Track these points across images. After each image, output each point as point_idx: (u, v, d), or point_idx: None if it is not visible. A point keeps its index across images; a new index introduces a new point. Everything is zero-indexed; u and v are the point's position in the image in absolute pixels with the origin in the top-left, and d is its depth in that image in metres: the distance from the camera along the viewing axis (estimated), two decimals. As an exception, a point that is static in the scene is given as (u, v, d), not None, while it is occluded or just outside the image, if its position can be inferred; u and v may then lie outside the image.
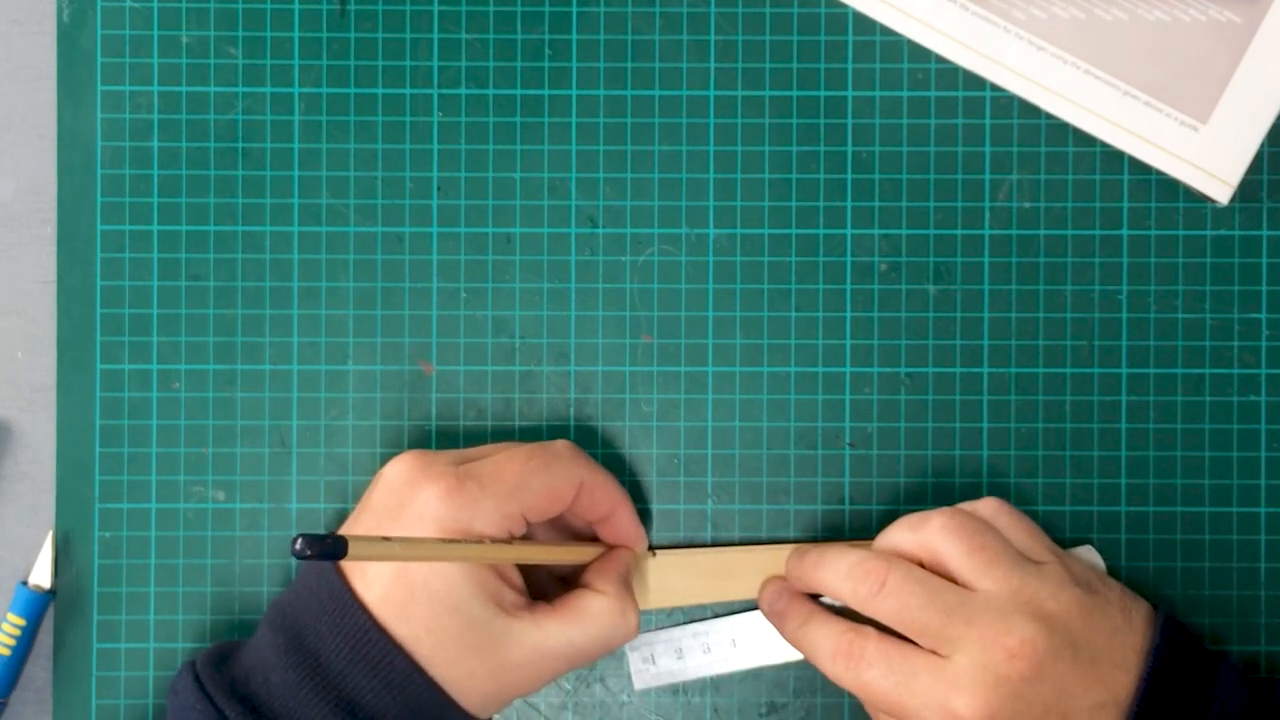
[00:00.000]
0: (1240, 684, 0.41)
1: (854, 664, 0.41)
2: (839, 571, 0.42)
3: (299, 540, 0.33)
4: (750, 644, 0.45)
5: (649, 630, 0.46)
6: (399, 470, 0.41)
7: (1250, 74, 0.45)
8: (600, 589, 0.42)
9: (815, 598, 0.44)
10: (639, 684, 0.46)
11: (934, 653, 0.40)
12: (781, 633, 0.44)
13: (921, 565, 0.41)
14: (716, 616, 0.46)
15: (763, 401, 0.46)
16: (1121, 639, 0.40)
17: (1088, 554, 0.45)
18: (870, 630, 0.41)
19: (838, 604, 0.43)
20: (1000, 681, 0.39)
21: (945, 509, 0.42)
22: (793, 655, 0.44)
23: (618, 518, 0.44)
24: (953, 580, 0.41)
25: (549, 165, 0.47)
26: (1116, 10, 0.45)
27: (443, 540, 0.39)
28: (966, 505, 0.43)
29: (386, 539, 0.36)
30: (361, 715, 0.38)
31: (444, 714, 0.39)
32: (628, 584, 0.43)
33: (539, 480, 0.41)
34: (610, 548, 0.44)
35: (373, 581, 0.39)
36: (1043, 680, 0.39)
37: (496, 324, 0.47)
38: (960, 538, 0.41)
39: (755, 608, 0.45)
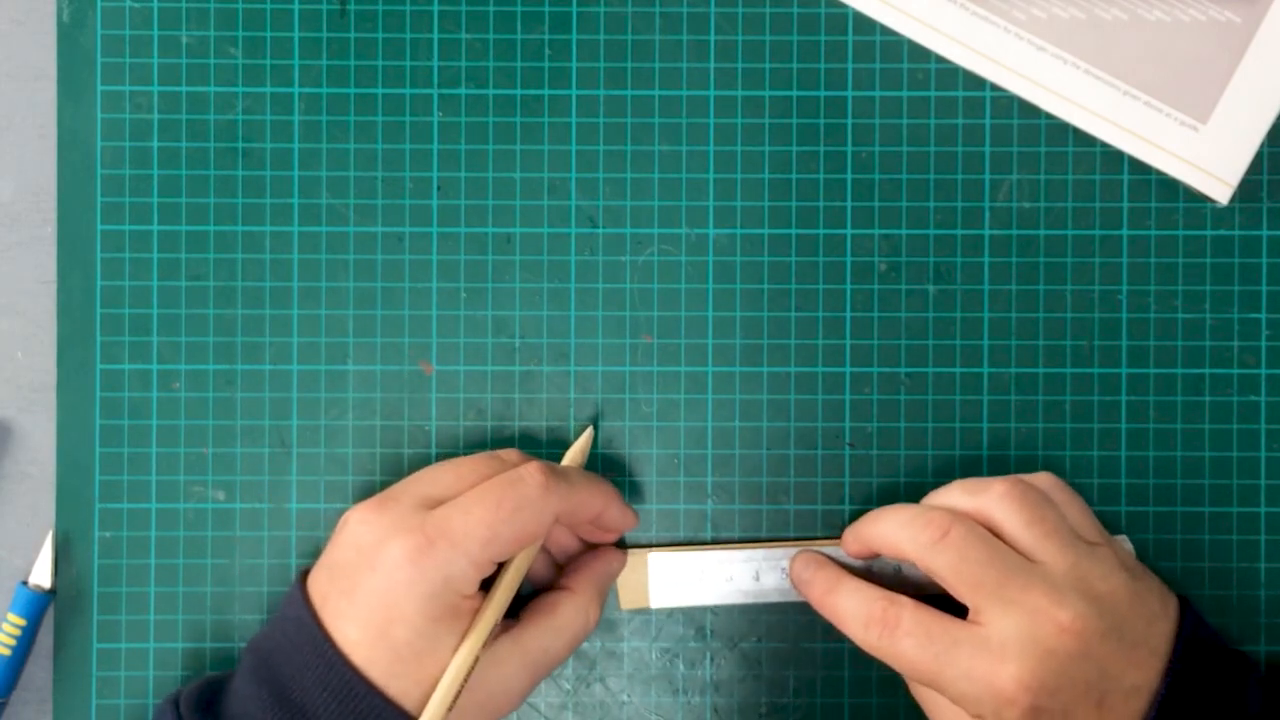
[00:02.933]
0: (1262, 679, 0.41)
1: (889, 632, 0.40)
2: (899, 520, 0.42)
3: None
4: (773, 579, 0.45)
5: (670, 550, 0.46)
6: (363, 530, 0.40)
7: (1250, 74, 0.45)
8: (572, 587, 0.43)
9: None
10: (655, 603, 0.45)
11: (974, 620, 0.40)
12: (810, 600, 0.44)
13: None
14: (739, 549, 0.46)
15: (763, 401, 0.46)
16: (1159, 626, 0.40)
17: (1124, 543, 0.45)
18: (905, 598, 0.41)
19: (867, 576, 0.44)
20: (1048, 655, 0.39)
21: (1005, 477, 0.42)
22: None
23: (605, 517, 0.43)
24: None
25: (549, 165, 0.47)
26: (1116, 10, 0.45)
27: (466, 652, 0.39)
28: (1025, 476, 0.43)
29: (440, 690, 0.38)
30: None
31: None
32: (602, 583, 0.44)
33: (510, 530, 0.39)
34: (593, 548, 0.45)
35: (356, 640, 0.39)
36: (1088, 658, 0.39)
37: (496, 324, 0.47)
38: (1021, 507, 0.41)
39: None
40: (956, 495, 0.42)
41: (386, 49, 0.47)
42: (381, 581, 0.38)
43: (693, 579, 0.45)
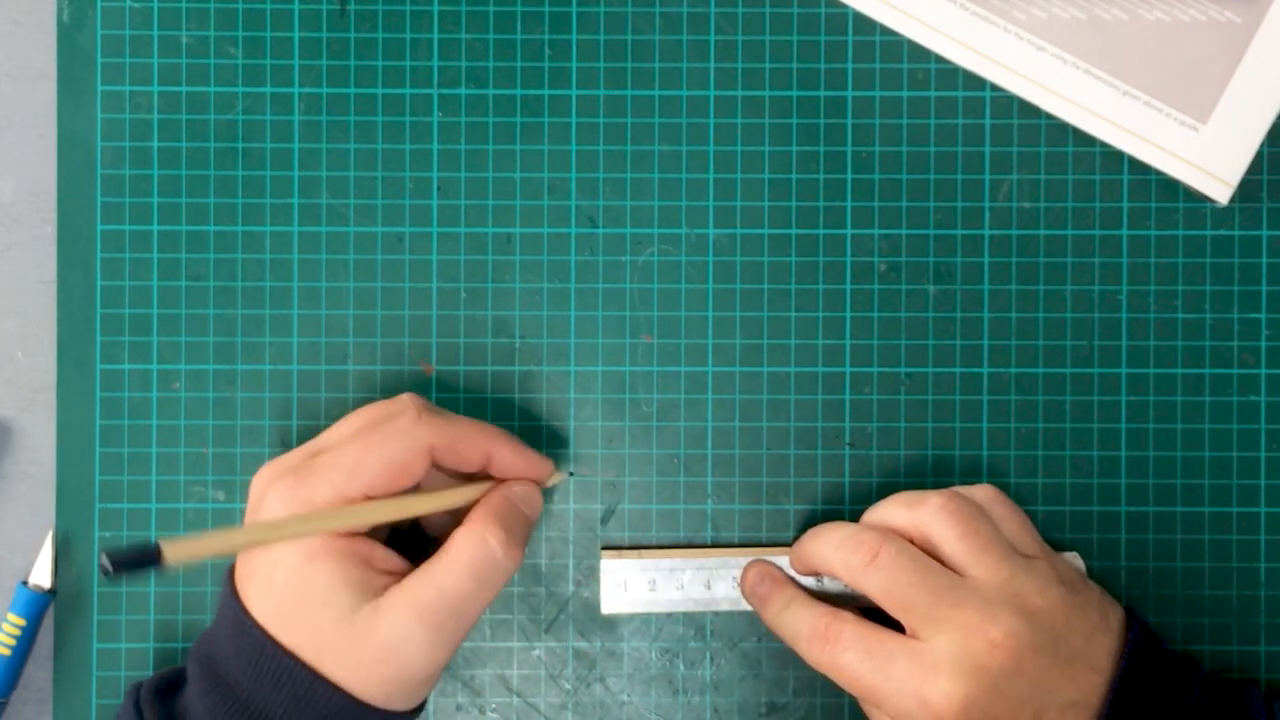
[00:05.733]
0: (1206, 692, 0.41)
1: (830, 647, 0.41)
2: (832, 542, 0.42)
3: (104, 557, 0.32)
4: (724, 588, 0.45)
5: (624, 559, 0.46)
6: (255, 482, 0.40)
7: (1250, 74, 0.45)
8: (465, 521, 0.40)
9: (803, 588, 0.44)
10: (606, 608, 0.45)
11: (913, 637, 0.40)
12: (762, 617, 0.44)
13: (910, 543, 0.41)
14: (693, 555, 0.46)
15: (763, 401, 0.46)
16: (1099, 640, 0.40)
17: (1073, 559, 0.45)
18: (848, 614, 0.41)
19: (819, 589, 0.44)
20: (979, 671, 0.39)
21: (942, 491, 0.42)
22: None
23: (498, 458, 0.41)
24: (941, 563, 0.41)
25: (549, 165, 0.47)
26: (1116, 10, 0.45)
27: (270, 522, 0.38)
28: (962, 489, 0.43)
29: (204, 533, 0.36)
30: None
31: (358, 713, 0.38)
32: (498, 510, 0.40)
33: (376, 458, 0.39)
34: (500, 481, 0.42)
35: (255, 598, 0.39)
36: (1020, 674, 0.39)
37: (496, 324, 0.47)
38: (955, 522, 0.41)
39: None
40: (894, 510, 0.42)
41: (386, 49, 0.47)
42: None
43: (644, 585, 0.45)
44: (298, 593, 0.38)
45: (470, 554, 0.39)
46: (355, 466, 0.39)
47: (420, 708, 0.41)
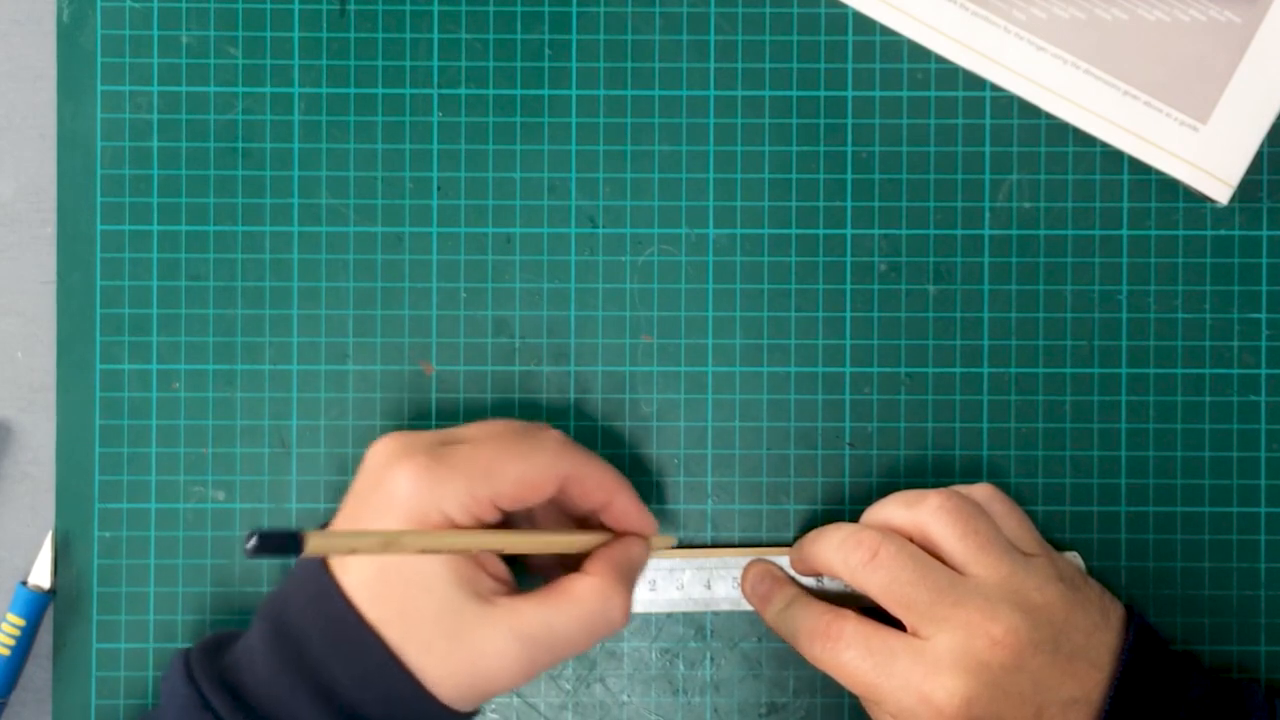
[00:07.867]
0: (1207, 688, 0.41)
1: (831, 644, 0.41)
2: (832, 542, 0.42)
3: (253, 538, 0.31)
4: (724, 588, 0.45)
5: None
6: (378, 451, 0.40)
7: (1250, 74, 0.45)
8: (589, 571, 0.40)
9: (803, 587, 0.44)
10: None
11: (914, 635, 0.40)
12: (763, 616, 0.44)
13: (910, 542, 0.41)
14: (693, 555, 0.46)
15: (763, 401, 0.46)
16: (1099, 637, 0.41)
17: (1072, 559, 0.45)
18: (849, 612, 0.41)
19: (819, 589, 0.44)
20: (980, 668, 0.39)
21: (941, 490, 0.42)
22: None
23: (616, 506, 0.42)
24: (941, 561, 0.41)
25: (549, 165, 0.47)
26: (1116, 10, 0.45)
27: (413, 531, 0.38)
28: (962, 488, 0.43)
29: (351, 533, 0.35)
30: (338, 703, 0.37)
31: (419, 705, 0.38)
32: (623, 570, 0.41)
33: (514, 470, 0.39)
34: (617, 535, 0.43)
35: (350, 566, 0.38)
36: (1021, 670, 0.39)
37: (496, 324, 0.47)
38: (955, 520, 0.41)
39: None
40: (894, 509, 0.42)
41: (386, 49, 0.47)
42: (381, 500, 0.38)
43: (644, 585, 0.45)
44: (404, 574, 0.38)
45: (591, 607, 0.39)
46: (491, 469, 0.39)
47: (476, 712, 0.40)
